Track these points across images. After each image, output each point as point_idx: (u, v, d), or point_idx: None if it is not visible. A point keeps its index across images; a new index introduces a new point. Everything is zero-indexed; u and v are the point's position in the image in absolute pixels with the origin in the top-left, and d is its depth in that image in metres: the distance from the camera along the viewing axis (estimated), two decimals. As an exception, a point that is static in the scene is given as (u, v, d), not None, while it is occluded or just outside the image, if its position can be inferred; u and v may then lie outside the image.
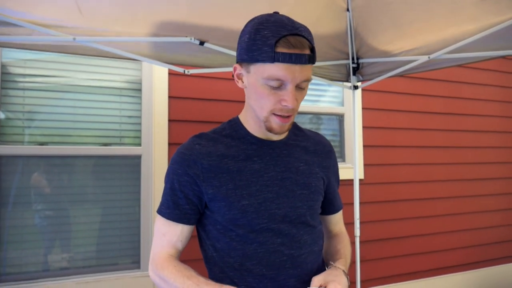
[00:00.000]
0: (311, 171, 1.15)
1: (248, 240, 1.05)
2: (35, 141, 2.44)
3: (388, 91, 3.50)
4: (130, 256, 2.62)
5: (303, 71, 0.96)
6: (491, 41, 1.97)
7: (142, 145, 2.65)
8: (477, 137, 3.93)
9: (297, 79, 0.96)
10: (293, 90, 0.97)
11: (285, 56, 0.93)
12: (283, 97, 0.98)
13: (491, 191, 3.98)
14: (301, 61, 0.94)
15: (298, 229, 1.09)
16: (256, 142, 1.11)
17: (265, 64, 0.95)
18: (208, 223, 1.09)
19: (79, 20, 1.78)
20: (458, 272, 3.73)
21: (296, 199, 1.09)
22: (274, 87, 0.97)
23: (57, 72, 2.50)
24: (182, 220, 1.07)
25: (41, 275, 2.40)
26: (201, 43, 2.03)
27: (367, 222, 3.26)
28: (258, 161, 1.08)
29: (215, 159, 1.06)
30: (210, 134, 1.13)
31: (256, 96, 1.02)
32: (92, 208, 2.55)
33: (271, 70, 0.95)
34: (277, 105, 0.99)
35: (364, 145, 3.39)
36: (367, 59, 2.45)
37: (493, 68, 4.02)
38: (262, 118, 1.03)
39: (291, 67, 0.94)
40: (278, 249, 1.05)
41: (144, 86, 2.66)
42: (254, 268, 1.04)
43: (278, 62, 0.94)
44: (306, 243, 1.10)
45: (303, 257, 1.08)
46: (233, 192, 1.04)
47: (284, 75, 0.95)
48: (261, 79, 0.97)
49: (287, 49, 0.93)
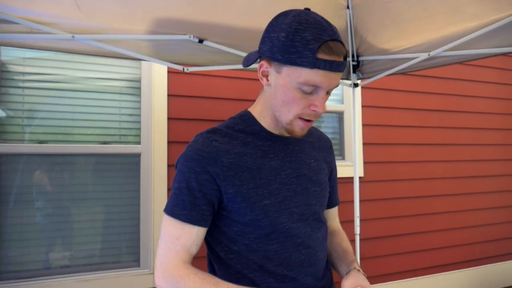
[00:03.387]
0: (320, 167, 1.15)
1: (269, 241, 1.02)
2: (35, 139, 2.44)
3: (387, 88, 3.50)
4: (130, 254, 2.62)
5: (337, 78, 0.96)
6: (492, 38, 1.96)
7: (141, 143, 2.65)
8: (477, 134, 3.93)
9: (331, 86, 0.96)
10: (325, 96, 0.97)
11: (326, 63, 0.91)
12: (314, 103, 0.96)
13: (491, 189, 3.98)
14: (339, 69, 0.94)
15: (312, 226, 1.08)
16: (271, 138, 1.08)
17: (303, 68, 0.91)
18: (223, 224, 1.04)
19: (78, 17, 1.78)
20: (458, 269, 3.73)
21: (310, 197, 1.09)
22: (306, 92, 0.95)
23: (56, 70, 2.50)
24: (200, 222, 0.99)
25: (41, 273, 2.40)
26: (200, 41, 2.03)
27: (367, 220, 3.26)
28: (274, 158, 1.06)
29: (234, 156, 1.01)
30: (224, 129, 1.07)
31: (284, 98, 0.98)
32: (92, 206, 2.55)
33: (309, 76, 0.92)
34: (306, 110, 0.97)
35: (364, 142, 3.39)
36: (367, 57, 2.45)
37: (493, 66, 4.02)
38: (286, 121, 1.00)
39: (330, 75, 0.93)
40: (297, 248, 1.04)
41: (144, 84, 2.66)
42: (276, 269, 1.02)
43: (317, 69, 0.91)
44: (319, 240, 1.10)
45: (317, 254, 1.08)
46: (254, 191, 1.00)
47: (321, 81, 0.93)
48: (296, 83, 0.94)
49: (328, 56, 0.91)
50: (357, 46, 2.38)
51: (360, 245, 2.54)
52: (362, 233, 2.55)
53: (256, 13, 1.92)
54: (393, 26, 2.10)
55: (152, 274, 2.59)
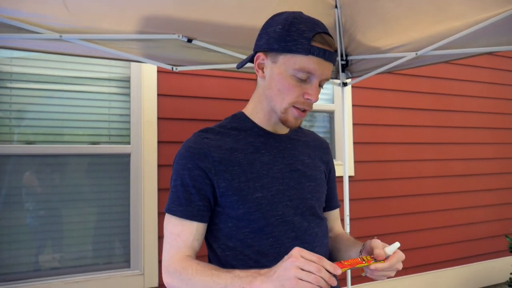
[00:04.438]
0: (314, 164, 1.16)
1: (264, 235, 1.02)
2: (24, 140, 2.42)
3: (378, 88, 3.52)
4: (120, 255, 2.61)
5: (329, 69, 1.01)
6: (478, 37, 1.98)
7: (131, 144, 2.63)
8: (465, 133, 3.97)
9: (324, 75, 1.01)
10: (317, 85, 1.01)
11: (320, 50, 0.98)
12: (307, 91, 1.01)
13: (481, 187, 4.01)
14: (332, 58, 1.00)
15: (309, 221, 1.08)
16: (263, 135, 1.10)
17: (298, 55, 0.98)
18: (219, 221, 1.06)
19: (65, 17, 1.76)
20: (448, 267, 3.76)
21: (305, 191, 1.09)
22: (300, 80, 1.00)
23: (45, 70, 2.48)
24: (196, 217, 1.02)
25: (31, 275, 2.38)
26: (189, 40, 2.02)
27: (358, 219, 3.27)
28: (266, 154, 1.08)
29: (225, 152, 1.04)
30: (216, 128, 1.11)
31: (279, 87, 1.02)
32: (81, 207, 2.54)
33: (303, 62, 0.98)
34: (299, 98, 1.02)
35: (354, 142, 3.40)
36: (356, 56, 2.46)
37: (482, 65, 4.06)
38: (281, 109, 1.04)
39: (323, 63, 0.99)
40: (292, 243, 1.03)
41: (133, 84, 2.65)
42: (271, 265, 0.99)
43: (312, 55, 0.98)
44: (317, 236, 1.10)
45: (315, 250, 1.06)
46: (246, 184, 1.02)
47: (315, 68, 0.98)
48: (291, 69, 0.99)
49: (321, 44, 0.98)
50: (346, 45, 2.40)
51: (350, 243, 2.55)
52: (352, 232, 2.56)
53: (245, 11, 1.92)
54: (381, 24, 2.11)
55: (143, 275, 2.57)
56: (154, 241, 2.61)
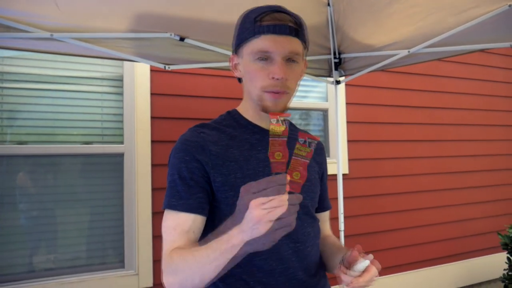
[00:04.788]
0: (309, 164, 1.12)
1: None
2: (16, 141, 2.40)
3: (372, 86, 3.53)
4: (114, 256, 2.60)
5: (289, 43, 0.99)
6: (470, 34, 1.99)
7: (124, 143, 2.62)
8: (458, 130, 3.99)
9: (285, 50, 0.98)
10: (281, 62, 0.99)
11: (268, 27, 0.98)
12: (272, 70, 0.99)
13: (472, 184, 4.04)
14: (284, 31, 0.98)
15: (302, 221, 1.06)
16: (259, 132, 1.10)
17: (251, 40, 1.00)
18: (214, 217, 1.04)
19: (56, 15, 1.75)
20: (442, 264, 3.78)
21: (300, 190, 1.07)
22: (262, 61, 1.00)
23: (36, 69, 2.46)
24: (197, 210, 0.99)
25: (24, 277, 2.36)
26: (181, 39, 2.02)
27: (352, 217, 3.28)
28: (262, 151, 1.07)
29: (221, 147, 1.04)
30: (212, 124, 1.11)
31: (249, 77, 1.03)
32: (75, 207, 2.52)
33: (256, 44, 0.99)
34: (267, 81, 1.00)
35: (348, 139, 3.41)
36: (348, 54, 2.46)
37: (472, 62, 4.08)
38: (257, 98, 1.03)
39: (276, 38, 0.98)
40: (285, 242, 1.02)
41: (126, 83, 2.64)
42: (264, 264, 1.01)
43: (262, 35, 0.98)
44: (310, 235, 1.09)
45: (308, 250, 1.07)
46: (242, 181, 0.98)
47: (269, 45, 0.98)
48: (251, 56, 1.00)
49: (269, 22, 0.98)
50: (339, 43, 2.40)
51: (344, 241, 2.56)
52: (346, 230, 2.57)
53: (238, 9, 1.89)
54: (374, 21, 2.11)
55: (137, 275, 2.57)
56: (149, 241, 2.60)
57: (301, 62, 1.06)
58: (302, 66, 1.09)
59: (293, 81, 1.03)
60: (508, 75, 4.36)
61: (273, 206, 0.75)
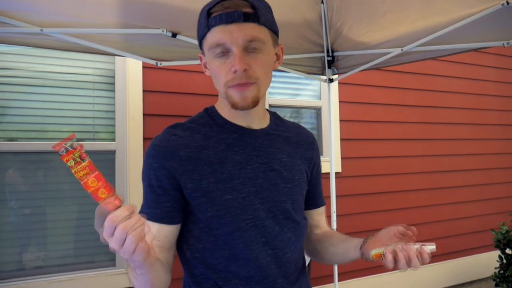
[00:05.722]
0: (293, 163, 1.07)
1: (234, 240, 0.95)
2: (6, 137, 2.37)
3: (364, 84, 3.53)
4: (105, 254, 2.57)
5: (242, 30, 0.90)
6: (463, 34, 2.00)
7: (116, 140, 2.60)
8: (451, 129, 4.00)
9: (238, 40, 0.89)
10: (239, 52, 0.90)
11: (215, 18, 0.90)
12: (231, 63, 0.91)
13: (465, 182, 4.06)
14: (233, 18, 0.89)
15: (281, 226, 1.01)
16: (236, 131, 1.02)
17: (206, 36, 0.93)
18: (189, 221, 0.99)
19: (46, 6, 1.72)
20: (434, 262, 3.79)
21: (280, 193, 1.01)
22: (221, 56, 0.92)
23: (27, 65, 2.43)
24: (164, 219, 0.96)
25: (13, 275, 2.34)
26: (174, 35, 2.00)
27: (345, 215, 3.28)
28: (239, 152, 0.99)
29: (193, 150, 0.96)
30: (186, 123, 1.03)
31: (213, 74, 0.97)
32: (66, 205, 2.50)
33: (210, 38, 0.92)
34: (228, 75, 0.92)
35: (341, 138, 3.41)
36: (342, 52, 2.46)
37: (465, 61, 4.10)
38: (224, 95, 0.96)
39: (226, 28, 0.90)
40: (263, 248, 0.97)
41: (118, 80, 2.61)
42: (240, 270, 0.97)
43: (213, 27, 0.91)
44: (290, 240, 1.03)
45: (287, 256, 1.02)
46: (215, 186, 0.94)
47: (221, 37, 0.90)
48: (209, 53, 0.94)
49: (219, 12, 0.90)
50: (332, 40, 2.39)
51: (337, 239, 2.56)
52: (339, 228, 2.57)
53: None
54: (368, 19, 2.11)
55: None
56: (140, 239, 2.58)
57: (268, 48, 0.96)
58: (271, 52, 0.98)
59: (258, 69, 0.93)
60: (500, 74, 4.38)
61: (114, 241, 0.73)
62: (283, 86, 3.29)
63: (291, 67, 2.48)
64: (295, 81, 3.34)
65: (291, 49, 2.36)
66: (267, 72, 0.96)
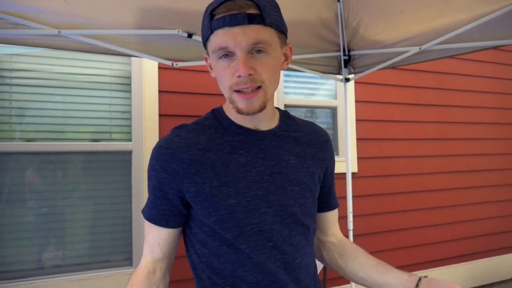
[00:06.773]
0: (302, 165, 1.03)
1: (240, 245, 0.93)
2: (24, 138, 2.41)
3: (381, 83, 3.49)
4: (122, 253, 2.60)
5: (246, 33, 0.85)
6: (483, 31, 1.95)
7: (132, 141, 2.62)
8: (470, 128, 3.93)
9: (242, 43, 0.86)
10: (244, 57, 0.86)
11: (219, 21, 0.86)
12: (235, 68, 0.88)
13: (485, 183, 3.98)
14: (237, 21, 0.85)
15: (290, 229, 0.98)
16: (242, 133, 0.99)
17: (210, 38, 0.90)
18: (194, 225, 0.98)
19: (63, 9, 1.73)
20: (452, 264, 3.73)
21: (287, 197, 0.98)
22: (225, 60, 0.89)
23: (45, 67, 2.46)
24: (160, 222, 0.97)
25: (33, 273, 2.37)
26: (189, 35, 2.00)
27: (361, 216, 3.25)
28: (245, 154, 0.96)
29: (196, 152, 0.94)
30: (192, 125, 1.01)
31: (217, 77, 0.94)
32: (83, 205, 2.53)
33: (214, 41, 0.89)
34: (233, 79, 0.89)
35: (357, 138, 3.37)
36: (358, 51, 2.43)
37: (485, 60, 4.02)
38: (229, 99, 0.93)
39: (230, 31, 0.86)
40: (271, 253, 0.95)
41: (134, 81, 2.63)
42: (247, 276, 0.94)
43: (216, 30, 0.87)
44: (300, 244, 1.00)
45: (297, 261, 0.98)
46: (218, 189, 0.92)
47: (224, 41, 0.86)
48: (214, 55, 0.91)
49: (223, 13, 0.86)
50: (349, 39, 2.37)
51: (353, 241, 2.53)
52: (355, 229, 2.54)
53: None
54: (385, 18, 2.08)
55: (145, 273, 2.56)
56: (156, 239, 2.60)
57: (275, 50, 0.91)
58: (278, 53, 0.94)
59: (264, 72, 0.89)
60: (521, 73, 4.29)
61: None
62: (298, 86, 3.28)
63: (306, 67, 2.46)
64: (310, 81, 3.32)
65: (307, 48, 2.35)
66: (273, 74, 0.93)
